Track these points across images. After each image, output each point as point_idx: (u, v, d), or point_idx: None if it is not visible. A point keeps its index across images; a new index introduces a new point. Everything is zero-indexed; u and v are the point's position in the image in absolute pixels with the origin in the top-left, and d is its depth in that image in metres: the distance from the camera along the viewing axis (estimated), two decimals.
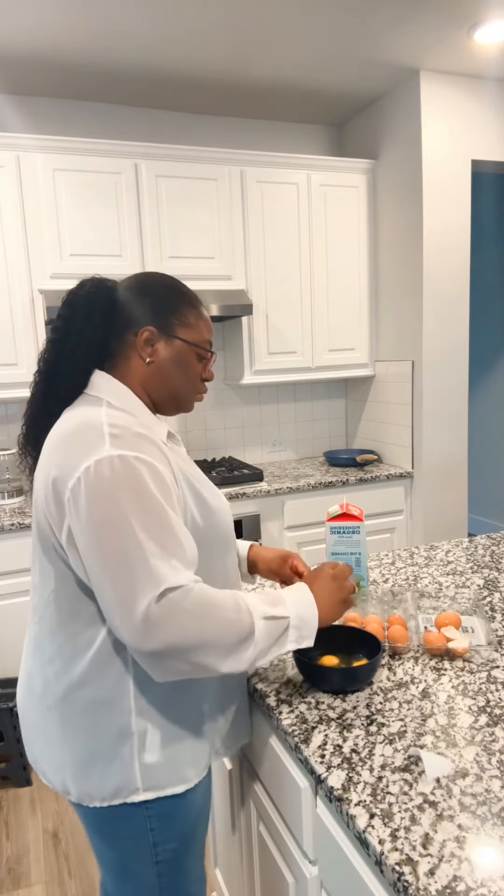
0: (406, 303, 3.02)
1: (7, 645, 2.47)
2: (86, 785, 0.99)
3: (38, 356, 1.07)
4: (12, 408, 2.96)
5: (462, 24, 2.38)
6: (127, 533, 0.87)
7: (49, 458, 0.96)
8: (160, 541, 0.89)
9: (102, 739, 0.98)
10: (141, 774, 0.98)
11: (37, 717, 1.03)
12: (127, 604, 0.86)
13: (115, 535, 0.87)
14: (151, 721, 0.98)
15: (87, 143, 2.59)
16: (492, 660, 1.18)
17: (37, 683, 1.02)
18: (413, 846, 0.75)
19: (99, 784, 0.98)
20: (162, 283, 1.08)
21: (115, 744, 0.97)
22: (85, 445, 0.92)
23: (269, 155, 2.90)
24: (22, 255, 2.57)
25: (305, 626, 1.00)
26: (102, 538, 0.88)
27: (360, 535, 1.44)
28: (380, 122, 3.08)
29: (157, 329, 1.05)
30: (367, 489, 3.02)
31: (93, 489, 0.88)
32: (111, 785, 0.98)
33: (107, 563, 0.87)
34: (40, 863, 1.95)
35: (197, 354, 1.09)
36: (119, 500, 0.88)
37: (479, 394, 4.58)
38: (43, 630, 1.01)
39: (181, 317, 1.07)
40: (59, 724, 0.99)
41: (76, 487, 0.90)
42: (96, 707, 0.97)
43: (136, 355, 1.06)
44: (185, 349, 1.08)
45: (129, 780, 0.98)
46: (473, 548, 1.85)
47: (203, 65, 2.63)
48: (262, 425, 3.46)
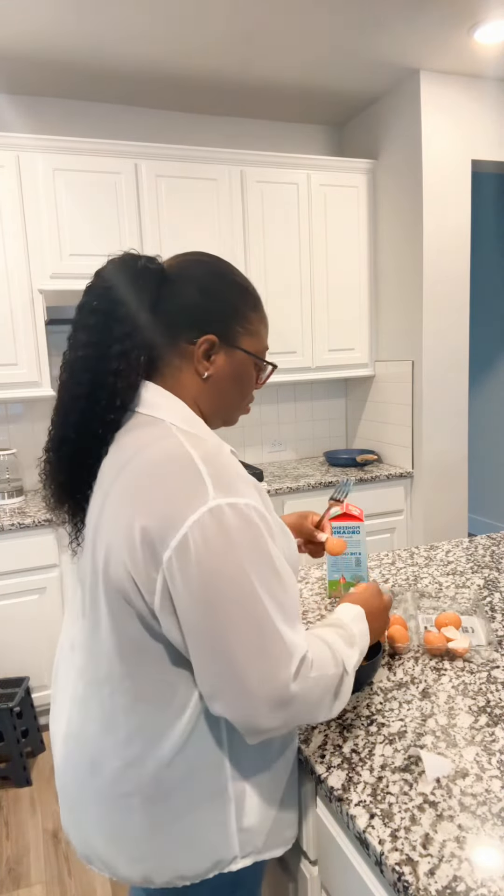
0: (406, 303, 3.02)
1: (7, 645, 2.47)
2: (176, 869, 0.85)
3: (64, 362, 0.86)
4: (12, 408, 2.95)
5: (462, 24, 2.38)
6: (252, 599, 0.74)
7: (127, 501, 0.78)
8: (284, 603, 0.77)
9: (196, 811, 0.84)
10: (239, 842, 0.86)
11: (103, 806, 0.85)
12: (254, 681, 0.74)
13: (238, 601, 0.73)
14: (248, 783, 0.86)
15: (87, 143, 2.59)
16: (492, 660, 1.18)
17: (104, 768, 0.84)
18: (413, 846, 0.75)
19: (193, 860, 0.85)
20: (223, 275, 0.90)
21: (213, 815, 0.84)
22: (184, 491, 0.75)
23: (269, 155, 2.90)
24: (22, 255, 2.57)
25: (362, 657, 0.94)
26: (221, 605, 0.73)
27: (360, 535, 1.44)
28: (380, 122, 3.08)
29: (218, 338, 0.88)
30: (367, 489, 3.02)
31: (206, 548, 0.73)
32: (209, 858, 0.85)
33: (227, 634, 0.73)
34: (40, 863, 1.95)
35: (256, 366, 0.93)
36: (239, 559, 0.74)
37: (479, 394, 4.58)
38: (113, 706, 0.83)
39: (247, 323, 0.90)
40: (143, 811, 0.83)
41: (183, 545, 0.73)
42: (190, 783, 0.83)
43: (189, 366, 0.88)
44: (246, 361, 0.91)
45: (228, 847, 0.86)
46: (473, 548, 1.85)
47: (203, 65, 2.63)
48: (262, 425, 3.46)
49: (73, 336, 0.85)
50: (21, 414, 2.97)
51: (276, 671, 0.74)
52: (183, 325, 0.87)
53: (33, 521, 2.43)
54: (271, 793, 0.89)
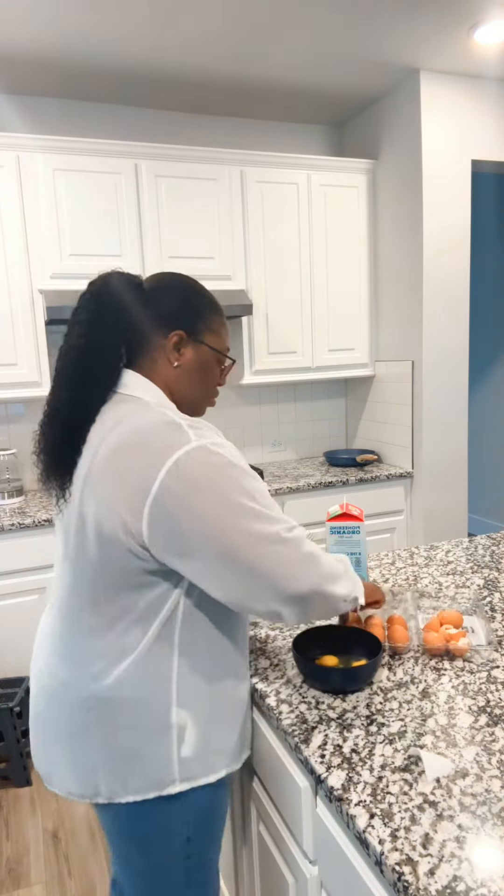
0: (406, 303, 3.02)
1: (7, 645, 2.47)
2: (122, 781, 0.99)
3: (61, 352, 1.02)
4: (12, 408, 2.95)
5: (462, 24, 2.38)
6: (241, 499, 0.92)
7: (115, 460, 0.93)
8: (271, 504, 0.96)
9: (144, 733, 0.98)
10: (179, 766, 0.99)
11: (68, 724, 1.01)
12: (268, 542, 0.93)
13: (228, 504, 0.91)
14: (190, 713, 1.00)
15: (87, 143, 2.59)
16: (492, 660, 1.18)
17: (72, 689, 1.00)
18: (413, 846, 0.75)
19: (136, 778, 0.99)
20: (192, 287, 1.10)
21: (156, 736, 0.98)
22: (168, 439, 0.92)
23: (269, 155, 2.90)
24: (22, 255, 2.57)
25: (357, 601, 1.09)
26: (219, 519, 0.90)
27: (360, 535, 1.44)
28: (380, 122, 3.08)
29: (186, 333, 1.06)
30: (367, 489, 3.02)
31: (190, 479, 0.90)
32: (149, 778, 0.99)
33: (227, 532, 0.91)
34: (40, 863, 1.95)
35: (217, 361, 1.12)
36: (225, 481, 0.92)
37: (479, 394, 4.58)
38: (85, 632, 0.99)
39: (209, 323, 1.09)
40: (97, 725, 0.98)
41: (167, 485, 0.90)
42: (139, 702, 0.98)
43: (163, 357, 1.06)
44: (209, 355, 1.10)
45: (168, 772, 0.99)
46: (473, 548, 1.85)
47: (203, 65, 2.63)
48: (262, 425, 3.46)
49: (69, 330, 1.03)
50: (21, 414, 2.97)
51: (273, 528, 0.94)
52: (158, 324, 1.06)
53: (33, 521, 2.43)
54: (210, 724, 1.02)
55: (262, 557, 0.92)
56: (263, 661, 1.22)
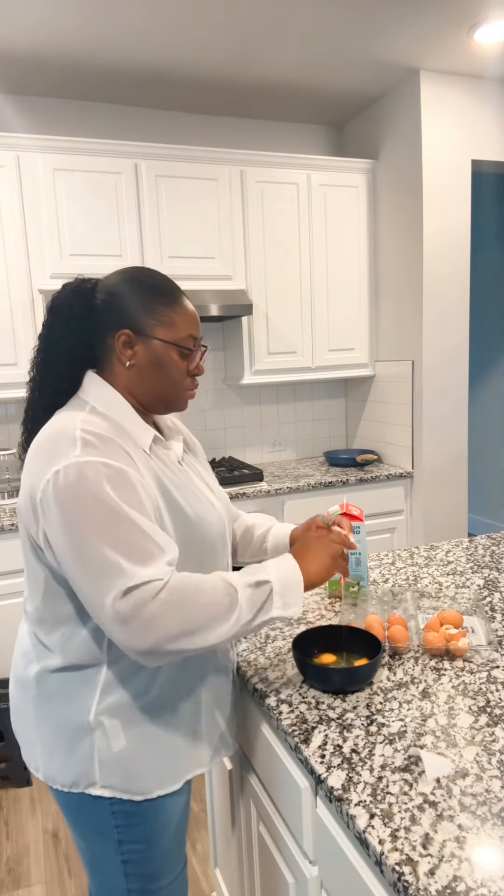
0: (406, 303, 3.02)
1: (7, 645, 2.47)
2: (50, 767, 1.03)
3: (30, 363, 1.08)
4: (12, 408, 2.96)
5: (462, 24, 2.38)
6: (91, 537, 0.89)
7: (28, 464, 0.99)
8: (125, 542, 0.90)
9: (66, 728, 1.01)
10: (99, 770, 1.01)
11: (17, 698, 1.09)
12: (99, 605, 0.89)
13: (80, 538, 0.89)
14: (113, 721, 1.00)
15: (87, 143, 2.59)
16: (492, 660, 1.18)
17: (20, 666, 1.08)
18: (413, 846, 0.75)
19: (60, 769, 1.02)
20: (136, 282, 1.05)
21: (76, 734, 1.00)
22: (56, 452, 0.93)
23: (269, 155, 2.90)
24: (22, 255, 2.57)
25: (289, 591, 0.98)
26: (70, 542, 0.90)
27: (360, 535, 1.44)
28: (380, 122, 3.08)
29: (132, 332, 1.03)
30: (367, 489, 3.02)
31: (59, 494, 0.91)
32: (71, 773, 1.01)
33: (77, 566, 0.90)
34: (40, 863, 1.95)
35: (179, 352, 1.06)
36: (83, 504, 0.90)
37: (479, 394, 4.58)
38: (30, 621, 1.06)
39: (157, 316, 1.04)
40: (33, 707, 1.05)
41: (45, 492, 0.92)
42: (61, 698, 1.01)
43: (116, 359, 1.05)
44: (163, 349, 1.05)
45: (87, 772, 1.01)
46: (473, 548, 1.85)
47: (203, 65, 2.63)
48: (262, 425, 3.46)
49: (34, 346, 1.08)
50: (22, 414, 2.97)
51: (104, 595, 0.88)
52: (105, 325, 1.05)
53: None
54: (142, 743, 1.01)
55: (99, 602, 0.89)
56: (263, 660, 1.22)
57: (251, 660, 1.23)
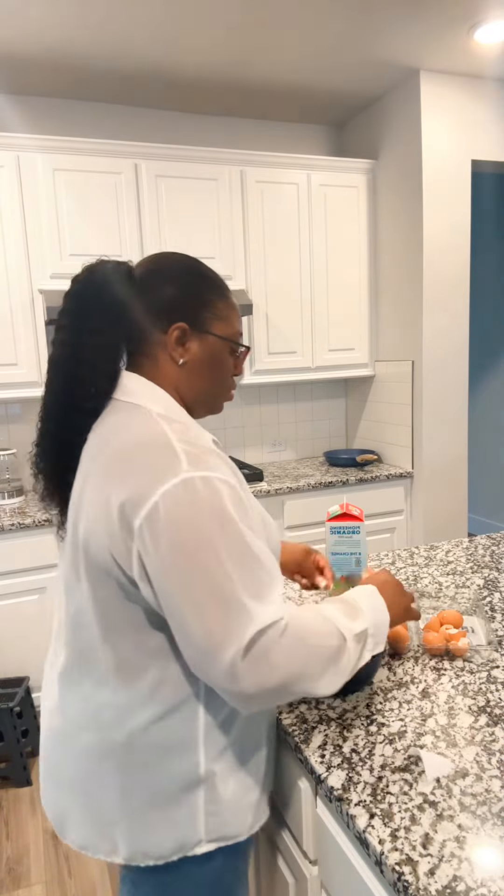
0: (406, 303, 3.02)
1: (7, 645, 2.47)
2: (143, 841, 0.86)
3: (48, 360, 0.91)
4: (12, 408, 2.96)
5: (462, 24, 2.38)
6: (215, 566, 0.77)
7: (105, 479, 0.82)
8: (247, 574, 0.78)
9: (167, 789, 0.86)
10: (205, 825, 0.88)
11: (79, 772, 0.88)
12: (216, 644, 0.76)
13: (202, 568, 0.76)
14: (218, 764, 0.88)
15: (87, 143, 2.59)
16: (492, 660, 1.18)
17: (83, 734, 0.88)
18: (413, 846, 0.75)
19: (159, 840, 0.86)
20: (190, 270, 0.95)
21: (181, 792, 0.86)
22: (157, 465, 0.79)
23: (269, 155, 2.90)
24: (22, 255, 2.57)
25: (379, 632, 0.92)
26: (187, 572, 0.76)
27: (360, 535, 1.44)
28: (380, 122, 3.08)
29: (189, 325, 0.93)
30: (367, 489, 3.02)
31: (174, 517, 0.77)
32: (172, 839, 0.86)
33: (192, 598, 0.76)
34: (40, 863, 1.95)
35: (230, 349, 0.97)
36: (206, 528, 0.77)
37: (479, 394, 4.58)
38: (91, 674, 0.87)
39: (214, 309, 0.94)
40: (115, 776, 0.86)
41: (153, 514, 0.77)
42: (163, 753, 0.85)
43: (165, 355, 0.93)
44: (219, 346, 0.95)
45: (193, 831, 0.87)
46: (473, 548, 1.85)
47: (203, 65, 2.63)
48: (262, 425, 3.46)
49: (54, 336, 0.91)
50: (21, 414, 2.97)
51: (229, 635, 0.76)
52: (154, 316, 0.92)
53: (33, 521, 2.43)
54: (240, 778, 0.91)
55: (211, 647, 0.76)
56: None
57: None
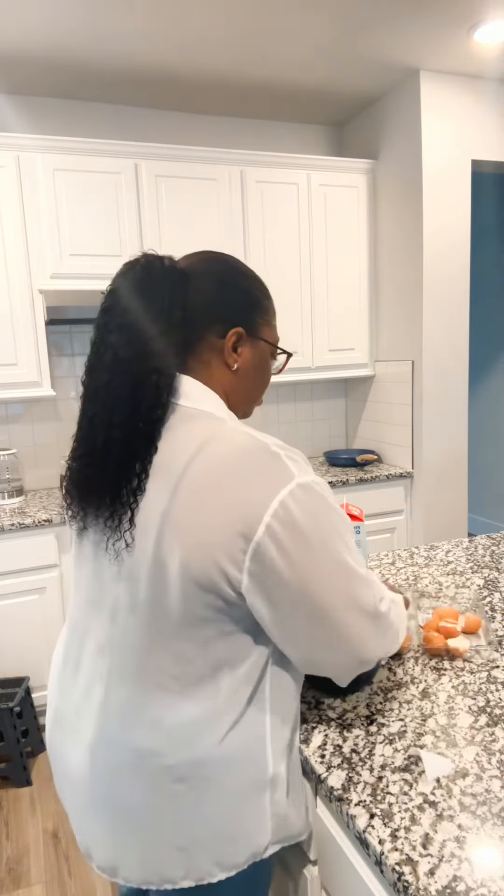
0: (406, 303, 3.02)
1: (7, 645, 2.47)
2: (215, 857, 0.84)
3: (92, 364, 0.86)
4: (12, 408, 2.95)
5: (462, 24, 2.38)
6: (346, 554, 0.84)
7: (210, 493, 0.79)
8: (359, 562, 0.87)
9: (243, 797, 0.85)
10: (272, 828, 0.88)
11: (144, 798, 0.84)
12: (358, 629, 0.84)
13: (337, 557, 0.82)
14: (283, 767, 0.89)
15: (87, 143, 2.59)
16: (492, 660, 1.18)
17: (150, 758, 0.83)
18: (413, 846, 0.75)
19: (232, 853, 0.85)
20: (244, 273, 0.95)
21: (254, 798, 0.86)
22: (270, 474, 0.79)
23: (269, 155, 2.90)
24: (22, 255, 2.57)
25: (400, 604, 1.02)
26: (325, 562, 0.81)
27: (361, 535, 1.44)
28: (380, 122, 3.08)
29: (245, 330, 0.93)
30: (367, 489, 3.02)
31: (303, 515, 0.79)
32: (245, 849, 0.85)
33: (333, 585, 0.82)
34: (40, 863, 1.95)
35: (273, 355, 1.00)
36: (331, 523, 0.83)
37: (479, 394, 4.58)
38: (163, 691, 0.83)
39: (266, 315, 0.96)
40: (189, 795, 0.83)
41: (279, 517, 0.78)
42: (238, 763, 0.85)
43: (219, 359, 0.92)
44: (266, 351, 0.97)
45: (262, 836, 0.87)
46: (473, 548, 1.85)
47: (203, 65, 2.63)
48: (262, 425, 3.46)
49: (103, 338, 0.84)
50: (21, 414, 2.97)
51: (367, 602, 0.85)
52: (210, 319, 0.90)
53: (33, 521, 2.43)
54: (295, 777, 0.93)
55: (351, 626, 0.84)
56: None
57: None
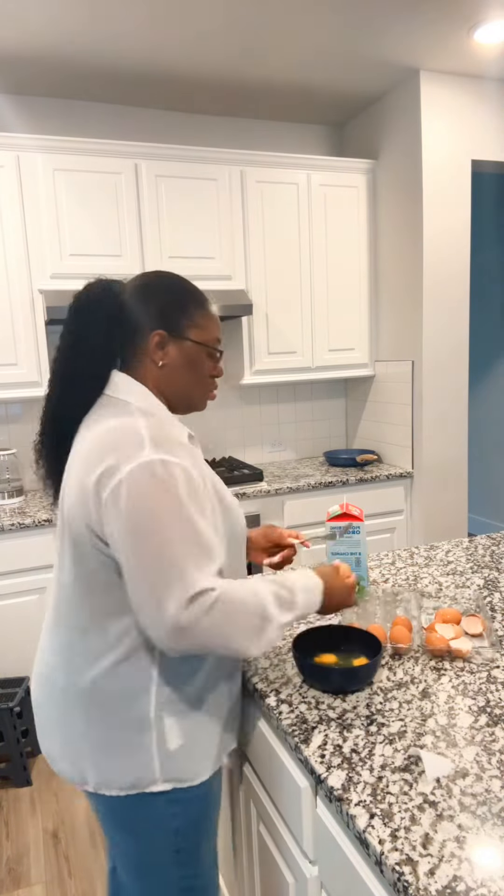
0: (406, 303, 3.02)
1: (7, 645, 2.47)
2: (106, 773, 1.02)
3: (50, 364, 1.11)
4: (12, 408, 2.95)
5: (462, 24, 2.38)
6: (163, 538, 0.91)
7: (85, 461, 0.98)
8: (193, 546, 0.92)
9: (124, 729, 1.00)
10: (160, 766, 1.01)
11: (57, 710, 1.05)
12: (158, 606, 0.90)
13: (151, 538, 0.91)
14: (172, 713, 1.01)
15: (87, 143, 2.59)
16: (492, 660, 1.18)
17: (59, 677, 1.05)
18: (413, 846, 0.75)
19: (120, 773, 1.01)
20: (169, 284, 1.10)
21: (137, 734, 1.00)
22: (126, 448, 0.94)
23: (269, 155, 2.90)
24: (22, 255, 2.57)
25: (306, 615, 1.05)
26: (139, 541, 0.91)
27: (360, 535, 1.44)
28: (380, 122, 3.08)
29: (167, 332, 1.07)
30: (367, 489, 3.02)
31: (134, 492, 0.92)
32: (131, 775, 1.01)
33: (142, 565, 0.91)
34: (40, 863, 1.95)
35: (207, 353, 1.11)
36: (159, 504, 0.91)
37: (479, 394, 4.58)
38: (70, 625, 1.04)
39: (190, 317, 1.09)
40: (83, 715, 1.02)
41: (117, 488, 0.92)
42: (120, 697, 1.00)
43: (148, 359, 1.08)
44: (195, 350, 1.10)
45: (149, 770, 1.01)
46: (473, 548, 1.86)
47: (203, 65, 2.63)
48: (262, 425, 3.46)
49: (59, 346, 1.09)
50: (21, 414, 2.97)
51: (170, 597, 0.90)
52: (139, 325, 1.07)
53: (33, 521, 2.43)
54: (193, 727, 1.03)
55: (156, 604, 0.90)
56: (263, 661, 1.22)
57: (251, 660, 1.23)
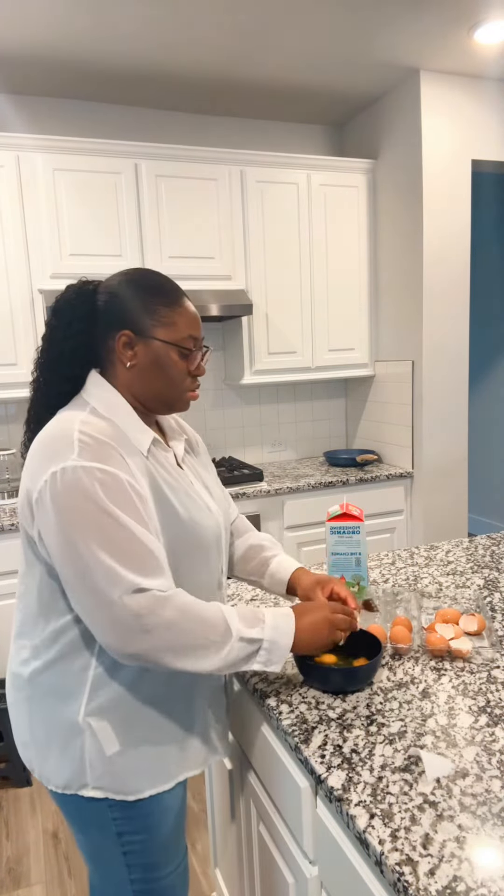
0: (406, 303, 3.02)
1: (7, 645, 2.47)
2: (44, 768, 1.04)
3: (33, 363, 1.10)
4: (12, 408, 2.96)
5: (462, 24, 2.38)
6: (85, 541, 0.91)
7: (27, 464, 1.00)
8: (119, 549, 0.91)
9: (59, 727, 1.01)
10: (90, 772, 1.01)
11: (12, 698, 1.09)
12: (96, 611, 0.91)
13: (75, 542, 0.91)
14: (105, 719, 1.00)
15: (87, 143, 2.59)
16: (492, 660, 1.18)
17: (13, 664, 1.09)
18: (413, 846, 0.75)
19: (54, 770, 1.02)
20: (136, 283, 1.06)
21: (68, 734, 1.01)
22: (54, 454, 0.95)
23: (269, 155, 2.90)
24: (22, 255, 2.57)
25: (276, 651, 1.02)
26: (65, 546, 0.92)
27: (360, 535, 1.44)
28: (380, 122, 3.08)
29: (133, 332, 1.04)
30: (367, 489, 3.02)
31: (55, 497, 0.92)
32: (64, 775, 1.02)
33: (70, 568, 0.92)
34: (40, 863, 1.95)
35: (179, 352, 1.06)
36: (78, 508, 0.91)
37: (479, 394, 4.58)
38: (25, 617, 1.06)
39: (157, 316, 1.05)
40: (25, 705, 1.05)
41: (42, 493, 0.94)
42: (54, 696, 1.02)
43: (117, 358, 1.06)
44: (163, 349, 1.05)
45: (79, 773, 1.01)
46: (473, 548, 1.85)
47: (203, 65, 2.63)
48: (262, 425, 3.46)
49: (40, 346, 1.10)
50: (21, 414, 2.97)
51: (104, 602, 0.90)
52: (106, 326, 1.05)
53: None
54: (139, 740, 1.02)
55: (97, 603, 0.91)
56: None
57: None
